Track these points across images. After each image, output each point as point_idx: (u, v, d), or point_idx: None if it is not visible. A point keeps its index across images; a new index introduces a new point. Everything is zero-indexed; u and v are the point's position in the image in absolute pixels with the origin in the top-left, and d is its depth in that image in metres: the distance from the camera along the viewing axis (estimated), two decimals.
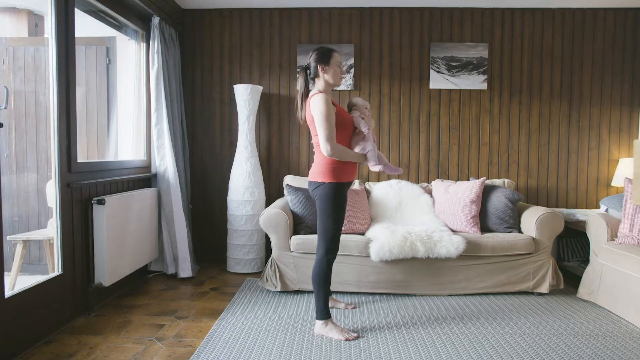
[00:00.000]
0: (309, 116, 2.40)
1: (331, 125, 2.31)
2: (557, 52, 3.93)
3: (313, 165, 2.48)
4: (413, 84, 3.97)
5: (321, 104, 2.30)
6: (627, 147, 3.97)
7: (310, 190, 2.48)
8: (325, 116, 2.29)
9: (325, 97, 2.32)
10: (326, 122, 2.29)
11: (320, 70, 2.41)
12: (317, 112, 2.31)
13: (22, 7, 3.33)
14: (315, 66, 2.42)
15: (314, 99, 2.35)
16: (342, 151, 2.36)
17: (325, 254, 2.42)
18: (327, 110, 2.30)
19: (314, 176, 2.44)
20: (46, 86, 3.11)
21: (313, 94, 2.39)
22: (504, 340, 2.39)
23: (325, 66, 2.41)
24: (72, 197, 2.65)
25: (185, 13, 4.03)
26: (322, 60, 2.41)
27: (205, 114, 4.08)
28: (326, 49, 2.45)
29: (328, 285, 2.45)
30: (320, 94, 2.36)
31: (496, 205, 3.27)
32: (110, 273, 2.84)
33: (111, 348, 2.30)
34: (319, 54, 2.43)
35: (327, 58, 2.41)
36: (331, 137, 2.30)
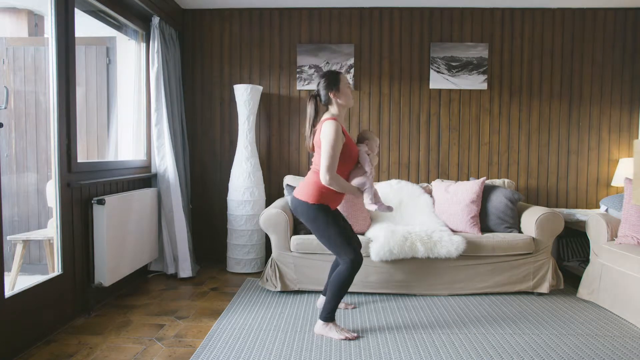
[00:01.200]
0: (317, 140, 2.40)
1: (335, 156, 2.31)
2: (557, 52, 3.93)
3: (303, 183, 2.49)
4: (413, 84, 3.98)
5: (331, 132, 2.29)
6: (627, 147, 3.97)
7: (292, 207, 2.49)
8: (332, 146, 2.29)
9: (337, 126, 2.32)
10: (331, 152, 2.29)
11: (332, 97, 2.42)
12: (325, 139, 2.30)
13: (22, 7, 3.33)
14: (326, 93, 2.42)
15: (325, 125, 2.34)
16: (340, 183, 2.36)
17: (352, 262, 2.36)
18: (336, 140, 2.29)
19: (300, 193, 2.44)
20: (46, 86, 3.11)
21: (326, 119, 2.38)
22: (504, 340, 2.39)
23: (337, 92, 2.42)
24: (72, 197, 2.65)
25: (185, 13, 4.03)
26: (331, 87, 2.42)
27: (205, 114, 4.08)
28: (333, 74, 2.45)
29: (346, 291, 2.42)
30: (333, 120, 2.34)
31: (496, 205, 3.27)
32: (110, 273, 2.84)
33: (111, 348, 2.30)
34: (327, 80, 2.43)
35: (336, 82, 2.42)
36: (332, 167, 2.30)
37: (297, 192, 2.47)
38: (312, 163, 2.49)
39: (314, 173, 2.43)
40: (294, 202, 2.48)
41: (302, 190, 2.45)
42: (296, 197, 2.46)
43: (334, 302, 2.42)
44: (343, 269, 2.38)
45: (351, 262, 2.36)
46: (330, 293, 2.41)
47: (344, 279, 2.37)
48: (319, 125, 2.42)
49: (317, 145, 2.41)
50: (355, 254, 2.38)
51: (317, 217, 2.39)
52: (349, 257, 2.36)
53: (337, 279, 2.38)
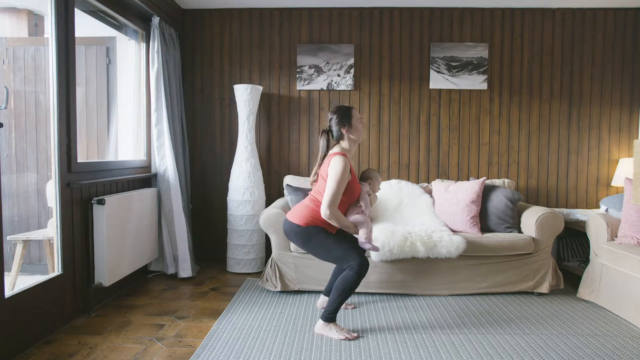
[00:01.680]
0: (324, 171, 2.41)
1: (339, 192, 2.33)
2: (557, 52, 3.93)
3: (299, 206, 2.51)
4: (413, 84, 3.98)
5: (340, 168, 2.32)
6: (627, 147, 3.97)
7: (284, 229, 2.52)
8: (339, 182, 2.31)
9: (346, 162, 2.34)
10: (336, 188, 2.31)
11: (344, 132, 2.45)
12: (332, 175, 2.32)
13: (22, 7, 3.33)
14: (338, 129, 2.46)
15: (335, 160, 2.35)
16: (338, 218, 2.38)
17: (359, 267, 2.36)
18: (343, 177, 2.32)
19: (292, 216, 2.46)
20: (46, 86, 3.11)
21: (336, 153, 2.40)
22: (504, 340, 2.39)
23: (349, 127, 2.44)
24: (72, 197, 2.65)
25: (185, 13, 4.03)
26: (344, 123, 2.45)
27: (205, 114, 4.08)
28: (344, 109, 2.48)
29: (351, 294, 2.43)
30: (342, 156, 2.37)
31: (496, 205, 3.27)
32: (110, 273, 2.84)
33: (111, 348, 2.30)
34: (338, 116, 2.46)
35: (348, 118, 2.45)
36: (335, 203, 2.33)
37: (290, 215, 2.49)
38: (313, 190, 2.51)
39: (312, 200, 2.47)
40: (285, 225, 2.50)
41: (295, 213, 2.47)
42: (288, 219, 2.48)
43: (338, 304, 2.42)
44: (350, 274, 2.37)
45: (358, 267, 2.35)
46: (335, 294, 2.41)
47: (350, 283, 2.37)
48: (327, 158, 2.44)
49: (322, 177, 2.43)
50: (360, 259, 2.37)
51: (308, 238, 2.42)
52: (354, 262, 2.36)
53: (343, 282, 2.38)
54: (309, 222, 2.41)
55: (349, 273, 2.37)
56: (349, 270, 2.37)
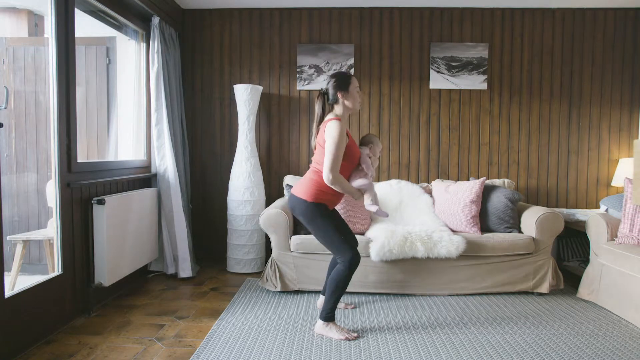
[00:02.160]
0: (321, 139, 2.40)
1: (339, 156, 2.31)
2: (557, 52, 3.93)
3: (302, 180, 2.48)
4: (413, 84, 3.98)
5: (335, 132, 2.30)
6: (627, 147, 3.97)
7: (290, 204, 2.49)
8: (337, 145, 2.29)
9: (340, 126, 2.32)
10: (335, 152, 2.29)
11: (340, 97, 2.42)
12: (329, 139, 2.31)
13: (22, 7, 3.33)
14: (334, 93, 2.42)
15: (330, 125, 2.34)
16: (342, 183, 2.36)
17: (351, 261, 2.37)
18: (339, 140, 2.30)
19: (298, 191, 2.44)
20: (46, 86, 3.11)
21: (330, 119, 2.38)
22: (504, 340, 2.39)
23: (345, 93, 2.42)
24: (72, 197, 2.65)
25: (185, 13, 4.03)
26: (341, 87, 2.42)
27: (205, 114, 4.08)
28: (345, 75, 2.45)
29: (344, 290, 2.43)
30: (337, 120, 2.34)
31: (496, 205, 3.27)
32: (110, 273, 2.84)
33: (111, 348, 2.30)
34: (337, 80, 2.43)
35: (346, 84, 2.42)
36: (335, 167, 2.31)
37: (296, 190, 2.46)
38: (312, 161, 2.48)
39: (314, 172, 2.43)
40: (291, 200, 2.47)
41: (300, 188, 2.44)
42: (294, 194, 2.46)
43: (333, 302, 2.42)
44: (341, 269, 2.38)
45: (349, 261, 2.36)
46: (329, 292, 2.42)
47: (342, 278, 2.38)
48: (322, 124, 2.42)
49: (320, 145, 2.41)
50: (353, 253, 2.38)
51: (314, 216, 2.39)
52: (346, 256, 2.37)
53: (335, 278, 2.39)
54: (315, 198, 2.38)
55: (340, 268, 2.38)
56: (340, 264, 2.39)
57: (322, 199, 2.40)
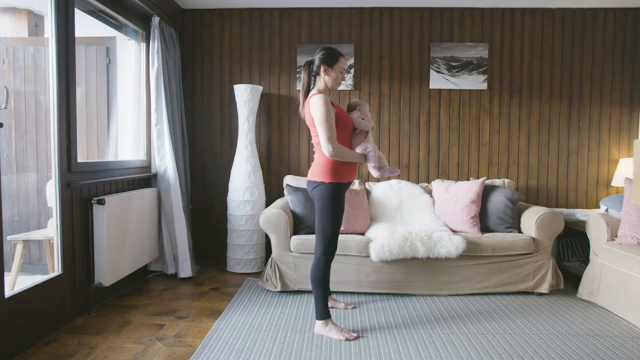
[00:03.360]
0: (309, 116, 2.40)
1: (331, 126, 2.31)
2: (557, 52, 3.93)
3: (313, 165, 2.48)
4: (413, 84, 3.98)
5: (320, 105, 2.30)
6: (627, 147, 3.97)
7: (310, 190, 2.48)
8: (325, 117, 2.29)
9: (324, 98, 2.32)
10: (326, 123, 2.29)
11: (322, 71, 2.41)
12: (316, 114, 2.31)
13: (22, 7, 3.33)
14: (318, 65, 2.42)
15: (313, 100, 2.34)
16: (344, 152, 2.36)
17: (324, 254, 2.41)
18: (327, 111, 2.30)
19: (314, 175, 2.43)
20: (46, 86, 3.11)
21: (312, 95, 2.39)
22: (504, 340, 2.39)
23: (328, 68, 2.41)
24: (72, 197, 2.65)
25: (185, 13, 4.03)
26: (326, 61, 2.41)
27: (205, 114, 4.08)
28: (334, 52, 2.44)
29: (327, 285, 2.45)
30: (319, 94, 2.35)
31: (496, 205, 3.27)
32: (110, 273, 2.84)
33: (111, 348, 2.30)
34: (325, 54, 2.42)
35: (333, 61, 2.41)
36: (332, 138, 2.30)
37: (310, 175, 2.47)
38: (313, 144, 2.49)
39: (319, 152, 2.43)
40: (310, 185, 2.47)
41: (314, 172, 2.44)
42: (311, 180, 2.45)
43: (320, 299, 2.44)
44: (314, 264, 2.43)
45: (322, 255, 2.41)
46: (314, 291, 2.45)
47: (320, 274, 2.41)
48: (307, 102, 2.42)
49: (310, 123, 2.41)
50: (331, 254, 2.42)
51: (328, 197, 2.38)
52: (321, 250, 2.40)
53: (314, 275, 2.42)
54: (332, 177, 2.37)
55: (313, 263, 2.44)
56: (314, 257, 2.43)
57: (337, 176, 2.39)
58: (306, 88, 2.46)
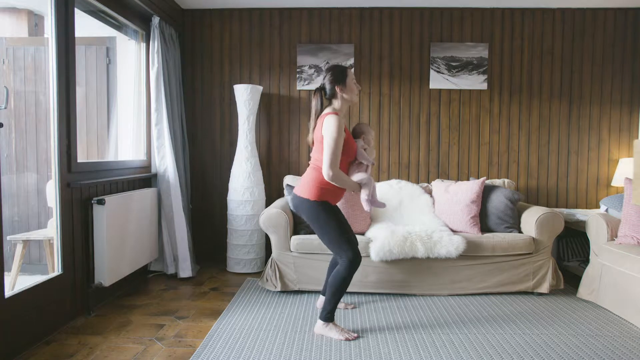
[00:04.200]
0: (318, 134, 2.38)
1: (338, 151, 2.29)
2: (557, 52, 3.93)
3: (303, 179, 2.47)
4: (413, 84, 3.98)
5: (333, 127, 2.28)
6: (627, 147, 3.97)
7: (293, 203, 2.49)
8: (336, 141, 2.27)
9: (338, 121, 2.30)
10: (334, 148, 2.27)
11: (338, 91, 2.40)
12: (328, 135, 2.29)
13: (22, 7, 3.33)
14: (332, 87, 2.40)
15: (328, 120, 2.31)
16: (341, 178, 2.34)
17: (351, 262, 2.35)
18: (338, 136, 2.28)
19: (300, 190, 2.43)
20: (46, 86, 3.11)
21: (328, 113, 2.36)
22: (504, 340, 2.39)
23: (343, 86, 2.40)
24: (72, 197, 2.65)
25: (185, 13, 4.03)
26: (338, 80, 2.40)
27: (205, 114, 4.08)
28: (340, 68, 2.43)
29: (345, 291, 2.42)
30: (335, 115, 2.33)
31: (496, 205, 3.27)
32: (110, 273, 2.84)
33: (111, 348, 2.30)
34: (333, 74, 2.41)
35: (343, 77, 2.40)
36: (335, 163, 2.29)
37: (298, 190, 2.46)
38: (311, 158, 2.47)
39: (314, 169, 2.42)
40: (295, 200, 2.47)
41: (303, 187, 2.43)
42: (297, 194, 2.45)
43: (334, 302, 2.42)
44: (342, 269, 2.37)
45: (350, 262, 2.35)
46: (330, 293, 2.41)
47: (342, 279, 2.37)
48: (319, 119, 2.40)
49: (318, 140, 2.39)
50: (354, 253, 2.37)
51: (319, 215, 2.38)
52: (348, 256, 2.36)
53: (336, 279, 2.38)
54: (319, 196, 2.37)
55: (340, 268, 2.37)
56: (340, 264, 2.38)
57: (325, 196, 2.38)
58: (317, 115, 2.44)
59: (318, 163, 2.39)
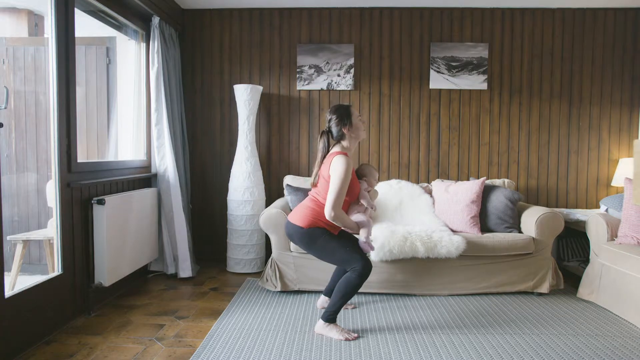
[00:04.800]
0: (325, 172, 2.39)
1: (343, 192, 2.31)
2: (557, 52, 3.93)
3: (299, 207, 2.49)
4: (413, 84, 3.98)
5: (342, 168, 2.29)
6: (627, 147, 3.97)
7: (287, 232, 2.50)
8: (342, 183, 2.29)
9: (347, 162, 2.32)
10: (340, 189, 2.29)
11: (346, 132, 2.42)
12: (335, 176, 2.30)
13: (22, 7, 3.33)
14: (339, 129, 2.43)
15: (337, 160, 2.33)
16: (342, 218, 2.37)
17: (362, 270, 2.34)
18: (345, 178, 2.30)
19: (295, 218, 2.44)
20: (46, 86, 3.11)
21: (337, 153, 2.37)
22: (504, 340, 2.39)
23: (350, 126, 2.42)
24: (72, 197, 2.65)
25: (185, 13, 4.03)
26: (344, 122, 2.42)
27: (205, 114, 4.08)
28: (344, 108, 2.45)
29: (353, 295, 2.41)
30: (344, 156, 2.34)
31: (496, 205, 3.27)
32: (110, 273, 2.84)
33: (111, 348, 2.30)
34: (338, 116, 2.43)
35: (348, 117, 2.43)
36: (339, 204, 2.31)
37: (292, 217, 2.47)
38: (312, 191, 2.50)
39: (313, 201, 2.45)
40: (288, 227, 2.48)
41: (297, 215, 2.46)
42: (290, 221, 2.46)
43: (339, 305, 2.42)
44: (354, 276, 2.35)
45: (362, 269, 2.34)
46: (337, 296, 2.40)
47: (353, 285, 2.36)
48: (328, 157, 2.41)
49: (324, 178, 2.40)
50: (364, 261, 2.36)
51: (313, 241, 2.40)
52: (358, 265, 2.35)
53: (346, 284, 2.37)
54: (312, 224, 2.40)
55: (351, 275, 2.35)
56: (351, 272, 2.36)
57: (318, 226, 2.41)
58: (324, 157, 2.45)
59: (319, 197, 2.42)
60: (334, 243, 2.40)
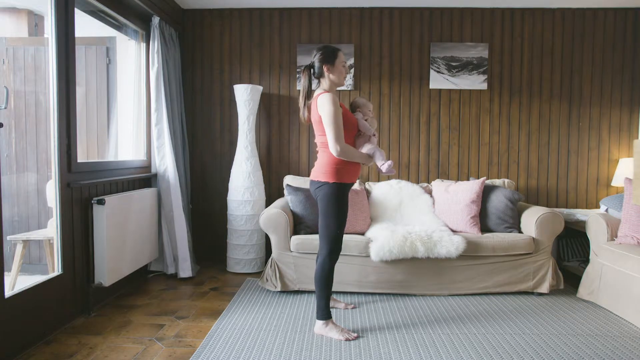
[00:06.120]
0: (315, 115, 2.39)
1: (339, 126, 2.30)
2: (557, 52, 3.93)
3: (316, 165, 2.47)
4: (413, 84, 3.98)
5: (329, 104, 2.29)
6: (627, 147, 3.97)
7: (312, 190, 2.48)
8: (334, 116, 2.28)
9: (332, 97, 2.32)
10: (335, 123, 2.29)
11: (325, 70, 2.40)
12: (325, 113, 2.30)
13: (22, 7, 3.33)
14: (320, 66, 2.41)
15: (321, 99, 2.33)
16: (350, 151, 2.36)
17: (329, 255, 2.40)
18: (335, 111, 2.29)
19: (317, 175, 2.43)
20: (46, 86, 3.11)
21: (319, 94, 2.38)
22: (504, 340, 2.39)
23: (331, 66, 2.40)
24: (72, 197, 2.65)
25: (185, 13, 4.03)
26: (327, 60, 2.40)
27: (205, 114, 4.08)
28: (331, 48, 2.44)
29: (330, 285, 2.44)
30: (327, 93, 2.35)
31: (496, 205, 3.27)
32: (110, 273, 2.84)
33: (111, 348, 2.30)
34: (323, 53, 2.41)
35: (333, 58, 2.41)
36: (340, 137, 2.30)
37: (314, 175, 2.46)
38: (317, 143, 2.48)
39: (323, 151, 2.42)
40: (313, 185, 2.46)
41: (317, 172, 2.44)
42: (314, 179, 2.45)
43: (322, 300, 2.43)
44: (319, 265, 2.40)
45: (328, 256, 2.39)
46: (317, 291, 2.43)
47: (325, 274, 2.40)
48: (313, 100, 2.41)
49: (316, 122, 2.40)
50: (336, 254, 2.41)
51: (332, 197, 2.37)
52: (326, 250, 2.39)
53: (319, 276, 2.41)
54: (337, 177, 2.36)
55: (318, 267, 2.41)
56: (319, 255, 2.42)
57: (342, 177, 2.38)
58: (306, 92, 2.45)
59: (324, 144, 2.40)
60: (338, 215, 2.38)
